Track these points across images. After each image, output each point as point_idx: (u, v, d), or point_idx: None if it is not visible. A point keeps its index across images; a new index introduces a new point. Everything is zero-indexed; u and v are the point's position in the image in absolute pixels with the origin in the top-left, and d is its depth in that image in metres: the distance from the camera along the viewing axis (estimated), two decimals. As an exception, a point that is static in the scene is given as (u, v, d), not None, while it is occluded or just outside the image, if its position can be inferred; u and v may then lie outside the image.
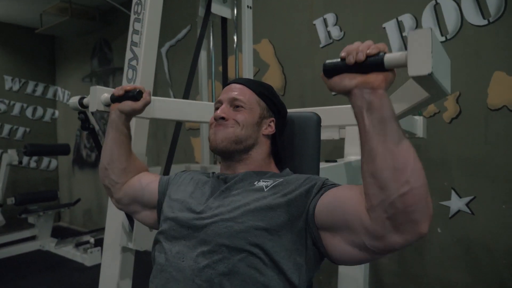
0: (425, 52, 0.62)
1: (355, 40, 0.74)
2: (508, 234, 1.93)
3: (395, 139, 0.67)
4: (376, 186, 0.67)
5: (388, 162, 0.66)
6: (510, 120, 1.91)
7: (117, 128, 1.10)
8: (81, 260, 3.63)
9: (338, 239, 0.79)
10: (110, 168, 1.12)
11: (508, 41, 1.91)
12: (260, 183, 0.93)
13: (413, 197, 0.64)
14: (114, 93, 1.11)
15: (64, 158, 5.14)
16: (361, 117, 0.70)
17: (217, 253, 0.83)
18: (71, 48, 5.00)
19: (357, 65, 0.69)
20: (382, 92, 0.68)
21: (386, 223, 0.67)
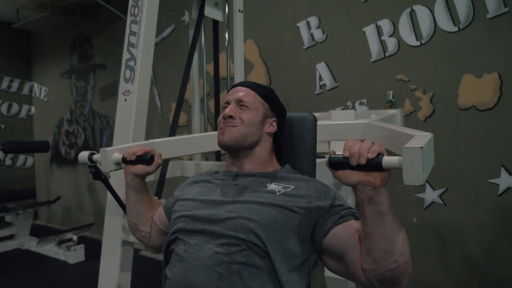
0: (417, 168, 0.74)
1: (337, 42, 0.85)
2: (477, 222, 2.13)
3: (389, 228, 0.82)
4: (370, 258, 0.85)
5: (381, 245, 0.82)
6: (478, 119, 2.10)
7: (135, 189, 1.21)
8: (64, 258, 3.62)
9: (335, 263, 0.96)
10: (138, 223, 1.24)
11: (476, 47, 2.10)
12: (272, 186, 1.03)
13: (399, 271, 0.83)
14: (126, 157, 1.19)
15: (41, 155, 5.06)
16: (363, 206, 0.84)
17: (234, 245, 0.93)
18: (48, 44, 4.91)
19: (359, 166, 0.82)
20: (381, 190, 0.82)
21: (375, 283, 0.87)
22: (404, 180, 0.75)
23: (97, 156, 1.28)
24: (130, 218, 1.26)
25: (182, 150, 1.50)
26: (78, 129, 4.59)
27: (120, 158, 1.22)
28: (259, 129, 1.12)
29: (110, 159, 1.23)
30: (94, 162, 1.30)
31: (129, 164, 1.20)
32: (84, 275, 3.29)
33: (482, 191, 2.11)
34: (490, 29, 2.05)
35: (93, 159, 1.29)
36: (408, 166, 0.74)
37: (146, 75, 1.73)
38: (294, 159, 1.23)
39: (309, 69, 2.69)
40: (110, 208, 1.68)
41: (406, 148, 0.74)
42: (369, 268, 0.85)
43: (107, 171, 1.25)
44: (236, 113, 1.10)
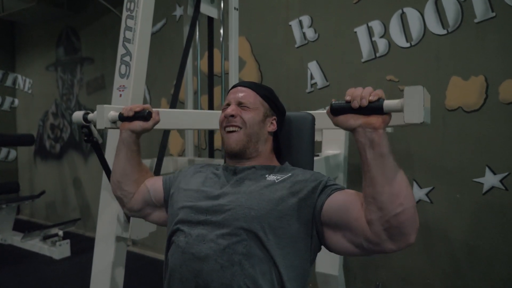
0: (418, 105, 0.76)
1: (329, 41, 0.88)
2: (461, 220, 2.21)
3: (392, 170, 0.81)
4: (375, 206, 0.82)
5: (386, 189, 0.81)
6: (464, 119, 2.17)
7: (128, 146, 1.19)
8: (49, 254, 3.56)
9: (339, 236, 0.93)
10: (123, 181, 1.21)
11: (463, 50, 2.16)
12: (271, 177, 1.06)
13: (405, 216, 0.80)
14: (123, 113, 1.17)
15: (24, 148, 4.95)
16: (364, 151, 0.84)
17: (236, 235, 0.95)
18: (33, 35, 4.79)
19: (360, 108, 0.83)
20: (382, 132, 0.82)
21: (383, 234, 0.83)
22: (405, 117, 0.77)
23: (92, 116, 1.25)
24: (115, 175, 1.22)
25: (179, 123, 1.49)
26: (64, 123, 4.51)
27: (117, 116, 1.19)
28: (261, 127, 1.14)
29: (106, 116, 1.20)
30: (88, 122, 1.27)
31: (125, 121, 1.18)
32: (70, 271, 3.26)
33: (467, 190, 2.18)
34: (477, 33, 2.11)
35: (88, 119, 1.26)
36: (409, 104, 0.77)
37: (141, 70, 1.72)
38: (293, 157, 1.25)
39: (301, 67, 2.72)
40: (104, 203, 1.68)
41: (408, 88, 0.78)
42: (374, 217, 0.82)
43: (102, 127, 1.21)
44: (238, 112, 1.12)
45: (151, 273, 3.21)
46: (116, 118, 1.20)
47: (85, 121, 1.27)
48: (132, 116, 1.16)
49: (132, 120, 1.17)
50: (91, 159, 4.20)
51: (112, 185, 1.25)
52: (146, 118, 1.15)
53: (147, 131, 1.18)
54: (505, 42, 2.04)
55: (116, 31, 1.67)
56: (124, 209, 1.27)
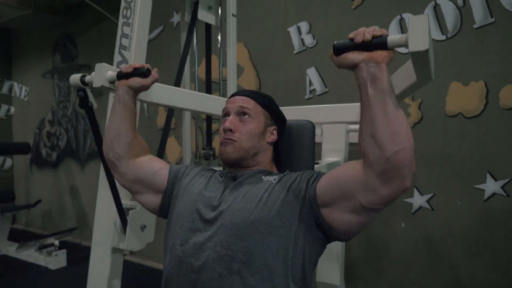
0: (423, 33, 0.76)
1: (328, 48, 0.86)
2: (463, 227, 2.18)
3: (393, 107, 0.79)
4: (375, 145, 0.79)
5: (387, 126, 0.79)
6: (465, 125, 2.15)
7: (124, 103, 1.14)
8: (44, 264, 3.50)
9: (338, 211, 0.90)
10: (115, 142, 1.14)
11: (463, 55, 2.15)
12: (267, 178, 1.04)
13: (404, 155, 0.77)
14: (122, 70, 1.14)
15: (20, 157, 4.90)
16: (365, 87, 0.81)
17: (234, 242, 0.92)
18: (30, 42, 4.77)
19: (364, 44, 0.81)
20: (384, 67, 0.80)
21: (379, 177, 0.80)
22: (410, 46, 0.76)
23: (89, 77, 1.23)
24: (108, 134, 1.16)
25: (176, 100, 1.46)
26: (60, 131, 4.47)
27: (115, 75, 1.16)
28: (261, 139, 1.11)
29: (104, 74, 1.18)
30: (86, 84, 1.24)
31: (123, 79, 1.15)
32: (66, 281, 3.20)
33: (468, 197, 2.16)
34: (477, 39, 2.10)
35: (85, 81, 1.23)
36: (414, 31, 0.76)
37: (138, 78, 1.69)
38: (293, 165, 1.23)
39: (299, 74, 2.70)
40: (99, 214, 1.65)
41: (413, 16, 0.77)
42: (373, 158, 0.79)
43: (98, 85, 1.18)
44: (237, 126, 1.08)
45: (149, 283, 3.16)
46: (114, 77, 1.17)
47: (82, 84, 1.24)
48: (131, 72, 1.13)
49: (130, 77, 1.14)
50: (88, 167, 4.16)
51: (104, 146, 1.19)
52: (145, 74, 1.12)
53: (145, 88, 1.15)
54: (504, 47, 2.03)
55: (113, 38, 1.64)
56: (116, 174, 1.19)
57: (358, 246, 2.51)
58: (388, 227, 2.41)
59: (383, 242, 2.43)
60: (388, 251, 2.42)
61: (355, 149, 1.98)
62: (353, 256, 2.53)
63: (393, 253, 2.40)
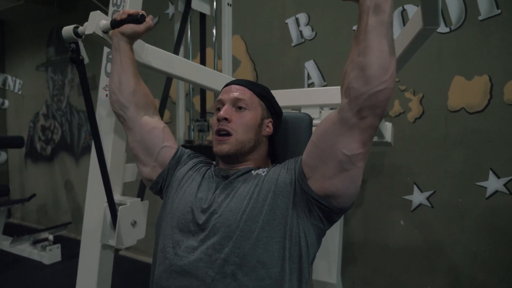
0: None
1: (327, 40, 0.81)
2: (464, 225, 2.12)
3: (389, 42, 0.76)
4: (362, 78, 0.77)
5: (379, 59, 0.76)
6: (467, 121, 2.09)
7: (121, 51, 1.11)
8: (39, 258, 3.45)
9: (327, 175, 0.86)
10: (118, 92, 1.11)
11: (467, 49, 2.08)
12: (257, 171, 0.99)
13: (385, 95, 0.77)
14: (115, 17, 1.09)
15: (15, 151, 4.84)
16: (366, 15, 0.77)
17: (227, 244, 0.87)
18: (23, 35, 4.68)
19: None
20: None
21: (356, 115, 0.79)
22: None
23: (82, 28, 1.17)
24: (111, 84, 1.13)
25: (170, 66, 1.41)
26: (55, 124, 4.40)
27: (108, 24, 1.11)
28: (257, 133, 1.04)
29: (97, 22, 1.12)
30: (78, 36, 1.18)
31: (116, 28, 1.10)
32: (61, 276, 3.15)
33: (469, 194, 2.10)
34: (481, 31, 2.03)
35: (78, 32, 1.18)
36: None
37: (129, 69, 1.62)
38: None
39: (297, 67, 2.63)
40: (89, 210, 1.58)
41: None
42: (354, 94, 0.78)
43: (90, 32, 1.13)
44: (232, 115, 1.02)
45: (143, 278, 3.12)
46: (108, 26, 1.12)
47: (76, 35, 1.18)
48: (125, 19, 1.07)
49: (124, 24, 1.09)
50: (83, 161, 4.09)
51: (110, 99, 1.16)
52: (139, 20, 1.06)
53: (138, 35, 1.12)
54: (510, 40, 1.96)
55: (106, 30, 1.57)
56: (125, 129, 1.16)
57: (356, 244, 2.46)
58: (387, 224, 2.35)
59: (381, 239, 2.38)
60: (386, 249, 2.37)
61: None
62: (350, 254, 2.48)
63: (392, 251, 2.35)
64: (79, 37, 1.19)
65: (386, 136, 1.98)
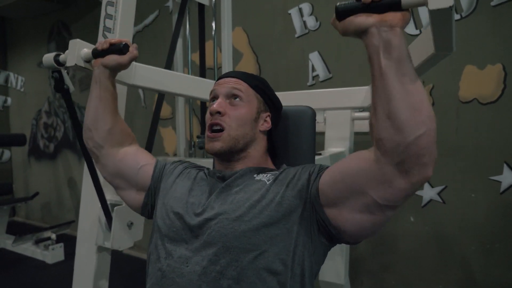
0: None
1: (332, 30, 0.72)
2: (477, 221, 2.03)
3: (412, 78, 0.65)
4: (392, 128, 0.66)
5: (406, 102, 0.65)
6: (480, 112, 1.99)
7: (101, 84, 1.02)
8: (41, 258, 3.43)
9: (346, 210, 0.76)
10: (94, 129, 1.03)
11: (479, 36, 1.98)
12: (260, 176, 0.90)
13: (427, 139, 0.65)
14: (97, 47, 1.02)
15: (18, 149, 4.82)
16: (377, 57, 0.67)
17: (224, 256, 0.79)
18: (24, 31, 4.63)
19: (373, 4, 0.66)
20: (400, 31, 0.66)
21: (397, 168, 0.67)
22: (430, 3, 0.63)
23: (64, 56, 1.10)
24: (86, 120, 1.05)
25: (160, 83, 1.32)
26: (57, 122, 4.36)
27: (90, 53, 1.04)
28: (253, 127, 0.96)
29: (78, 51, 1.05)
30: (60, 65, 1.11)
31: (99, 57, 1.02)
32: (63, 276, 3.11)
33: (483, 189, 2.01)
34: (494, 18, 1.93)
35: (59, 61, 1.11)
36: None
37: (123, 63, 1.55)
38: (290, 157, 1.09)
39: (301, 59, 2.54)
40: (83, 212, 1.53)
41: None
42: (389, 145, 0.66)
43: (72, 64, 1.06)
44: (226, 108, 0.94)
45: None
46: (89, 55, 1.04)
47: (57, 64, 1.11)
48: (107, 49, 0.99)
49: (107, 55, 1.01)
50: (86, 158, 4.05)
51: (84, 134, 1.08)
52: (122, 51, 0.98)
53: (122, 67, 1.02)
54: (525, 26, 1.86)
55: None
56: (98, 165, 1.08)
57: (364, 241, 2.38)
58: (396, 221, 2.27)
59: (391, 236, 2.29)
60: (396, 246, 2.28)
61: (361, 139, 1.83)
62: (358, 251, 2.40)
63: (401, 248, 2.27)
64: (60, 66, 1.12)
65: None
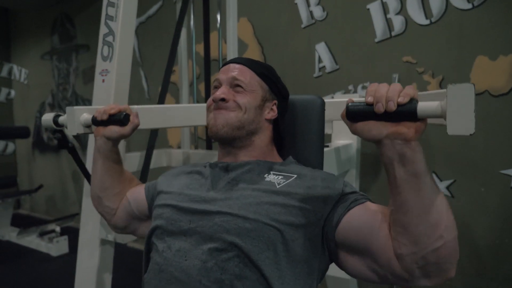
0: (467, 112, 0.56)
1: (339, 20, 0.67)
2: (487, 216, 1.99)
3: (429, 193, 0.64)
4: (407, 239, 0.66)
5: (422, 218, 0.64)
6: (491, 104, 1.94)
7: (105, 155, 1.01)
8: (46, 250, 3.44)
9: (357, 261, 0.76)
10: (103, 196, 1.05)
11: (491, 26, 1.92)
12: (270, 177, 0.86)
13: (446, 250, 0.64)
14: (96, 117, 0.99)
15: (22, 142, 4.81)
16: (392, 168, 0.66)
17: (226, 251, 0.76)
18: (28, 23, 4.60)
19: (386, 113, 0.63)
20: (415, 144, 0.64)
21: (416, 272, 0.67)
22: (449, 128, 0.58)
23: (63, 118, 1.09)
24: (94, 189, 1.06)
25: (165, 120, 1.28)
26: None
27: (90, 119, 1.02)
28: (258, 115, 0.93)
29: (77, 119, 1.03)
30: (60, 126, 1.10)
31: (100, 126, 1.00)
32: (68, 268, 3.10)
33: (493, 183, 1.96)
34: (507, 6, 1.87)
35: (58, 122, 1.09)
36: (455, 108, 0.57)
37: (126, 52, 1.52)
38: (298, 149, 1.05)
39: (308, 50, 2.49)
40: (86, 205, 1.50)
41: (453, 86, 0.57)
42: (406, 252, 0.66)
43: (74, 134, 1.04)
44: (230, 95, 0.92)
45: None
46: (89, 121, 1.02)
47: (56, 125, 1.10)
48: (107, 120, 0.97)
49: (108, 125, 0.98)
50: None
51: (93, 201, 1.09)
52: (123, 122, 0.97)
53: (125, 137, 1.00)
54: (540, 15, 1.80)
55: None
56: (110, 225, 1.11)
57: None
58: (403, 215, 2.23)
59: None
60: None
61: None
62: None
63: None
64: (60, 127, 1.10)
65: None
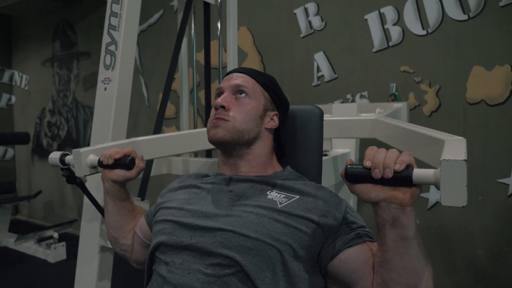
0: (460, 186, 0.59)
1: (337, 30, 0.69)
2: (484, 225, 2.00)
3: (413, 258, 0.68)
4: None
5: (401, 278, 0.69)
6: (487, 114, 1.97)
7: (115, 197, 1.04)
8: (43, 257, 3.42)
9: None
10: (118, 236, 1.08)
11: (487, 37, 1.95)
12: (273, 194, 0.86)
13: None
14: (102, 161, 1.01)
15: (22, 147, 4.81)
16: (384, 228, 0.69)
17: (227, 266, 0.76)
18: (29, 29, 4.63)
19: (384, 179, 0.67)
20: (409, 210, 0.67)
21: None
22: (442, 200, 0.61)
23: (70, 158, 1.11)
24: (109, 230, 1.09)
25: (168, 150, 1.31)
26: (61, 120, 4.36)
27: (96, 161, 1.04)
28: (258, 124, 0.94)
29: (84, 162, 1.05)
30: (66, 165, 1.12)
31: (106, 169, 1.03)
32: (65, 275, 3.10)
33: (490, 192, 1.98)
34: (503, 18, 1.90)
35: (65, 161, 1.12)
36: (448, 182, 0.60)
37: (128, 61, 1.54)
38: (297, 158, 1.07)
39: (306, 59, 2.53)
40: (86, 212, 1.51)
41: (446, 161, 0.60)
42: None
43: (81, 176, 1.07)
44: (231, 103, 0.93)
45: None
46: (95, 163, 1.05)
47: (63, 164, 1.12)
48: (113, 164, 1.00)
49: (113, 168, 1.01)
50: (89, 157, 4.04)
51: (110, 243, 1.12)
52: (128, 166, 0.99)
53: (131, 179, 1.02)
54: (535, 27, 1.84)
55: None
56: (132, 264, 1.13)
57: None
58: (401, 223, 2.24)
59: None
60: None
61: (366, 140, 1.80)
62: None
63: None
64: (66, 165, 1.13)
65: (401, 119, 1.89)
